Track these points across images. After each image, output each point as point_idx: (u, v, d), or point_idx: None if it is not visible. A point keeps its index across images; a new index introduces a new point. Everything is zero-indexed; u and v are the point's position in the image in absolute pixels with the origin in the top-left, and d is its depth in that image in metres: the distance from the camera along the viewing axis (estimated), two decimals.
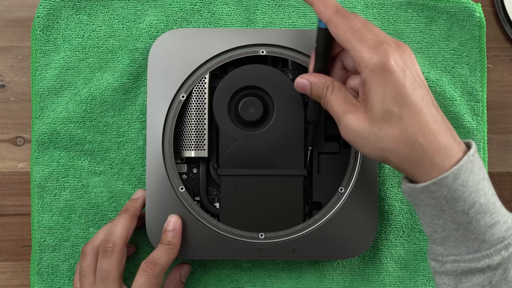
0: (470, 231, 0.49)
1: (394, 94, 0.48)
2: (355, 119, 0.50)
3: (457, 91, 0.65)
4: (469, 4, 0.64)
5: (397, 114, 0.48)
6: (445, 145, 0.48)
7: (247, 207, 0.61)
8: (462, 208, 0.48)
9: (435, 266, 0.52)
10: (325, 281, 0.65)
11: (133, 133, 0.65)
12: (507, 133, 0.68)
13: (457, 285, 0.50)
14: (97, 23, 0.65)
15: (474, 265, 0.49)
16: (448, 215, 0.49)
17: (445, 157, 0.48)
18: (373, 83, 0.48)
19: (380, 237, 0.65)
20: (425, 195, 0.49)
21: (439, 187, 0.48)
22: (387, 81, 0.48)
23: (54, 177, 0.64)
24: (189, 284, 0.65)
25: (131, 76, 0.64)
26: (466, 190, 0.48)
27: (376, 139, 0.49)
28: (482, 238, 0.49)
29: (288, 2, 0.65)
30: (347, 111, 0.51)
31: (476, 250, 0.49)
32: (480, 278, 0.49)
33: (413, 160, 0.48)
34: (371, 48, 0.48)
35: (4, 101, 0.66)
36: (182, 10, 0.65)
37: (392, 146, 0.49)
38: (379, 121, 0.49)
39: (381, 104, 0.48)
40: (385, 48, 0.48)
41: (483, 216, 0.48)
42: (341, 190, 0.61)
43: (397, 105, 0.48)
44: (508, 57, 0.68)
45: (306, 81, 0.54)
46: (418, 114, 0.48)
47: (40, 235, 0.64)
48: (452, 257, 0.50)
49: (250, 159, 0.61)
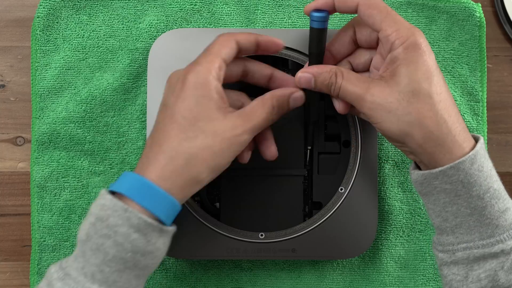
0: (484, 216, 0.50)
1: (425, 71, 0.50)
2: (381, 93, 0.50)
3: (457, 91, 0.65)
4: (469, 4, 0.64)
5: (427, 90, 0.49)
6: (463, 128, 0.50)
7: (247, 207, 0.61)
8: (478, 192, 0.49)
9: (444, 257, 0.52)
10: (325, 281, 0.65)
11: (133, 133, 0.65)
12: (507, 133, 0.68)
13: (468, 273, 0.50)
14: (97, 23, 0.65)
15: (488, 250, 0.50)
16: (463, 200, 0.50)
17: (464, 139, 0.50)
18: (406, 59, 0.50)
19: (380, 237, 0.65)
20: (441, 180, 0.50)
21: (456, 171, 0.49)
22: (420, 58, 0.50)
23: (54, 177, 0.64)
24: (189, 284, 0.65)
25: (131, 76, 0.64)
26: (482, 175, 0.49)
27: (404, 112, 0.49)
28: (496, 223, 0.50)
29: (288, 2, 0.65)
30: (369, 87, 0.51)
31: (489, 236, 0.50)
32: (492, 263, 0.50)
33: (438, 137, 0.49)
34: (407, 29, 0.50)
35: (4, 101, 0.66)
36: (182, 10, 0.65)
37: (419, 120, 0.49)
38: (408, 95, 0.49)
39: (412, 78, 0.49)
40: (419, 31, 0.51)
41: (497, 201, 0.50)
42: (341, 190, 0.61)
43: (427, 81, 0.50)
44: (508, 57, 0.68)
45: (309, 74, 0.54)
46: (444, 94, 0.50)
47: (40, 235, 0.64)
48: (463, 245, 0.51)
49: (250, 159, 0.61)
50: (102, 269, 0.47)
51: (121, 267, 0.47)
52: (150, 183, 0.48)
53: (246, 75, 0.56)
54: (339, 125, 0.62)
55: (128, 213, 0.47)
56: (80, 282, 0.47)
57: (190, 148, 0.49)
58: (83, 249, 0.48)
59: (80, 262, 0.48)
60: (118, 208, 0.47)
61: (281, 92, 0.54)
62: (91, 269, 0.47)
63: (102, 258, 0.47)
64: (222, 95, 0.51)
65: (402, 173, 0.65)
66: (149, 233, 0.47)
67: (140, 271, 0.49)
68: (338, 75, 0.53)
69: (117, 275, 0.47)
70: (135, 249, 0.47)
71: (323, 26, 0.54)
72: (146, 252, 0.48)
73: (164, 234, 0.49)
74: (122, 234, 0.47)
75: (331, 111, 0.62)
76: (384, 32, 0.51)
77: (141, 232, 0.47)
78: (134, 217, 0.47)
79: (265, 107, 0.52)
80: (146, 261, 0.48)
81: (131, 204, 0.48)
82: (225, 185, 0.62)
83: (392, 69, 0.50)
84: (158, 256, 0.49)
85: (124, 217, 0.47)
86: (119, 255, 0.47)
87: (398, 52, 0.50)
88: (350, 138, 0.61)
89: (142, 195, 0.48)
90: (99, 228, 0.47)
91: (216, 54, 0.51)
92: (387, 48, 0.51)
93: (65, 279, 0.47)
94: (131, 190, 0.48)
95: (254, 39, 0.54)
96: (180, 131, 0.49)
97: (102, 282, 0.47)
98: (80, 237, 0.48)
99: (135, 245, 0.47)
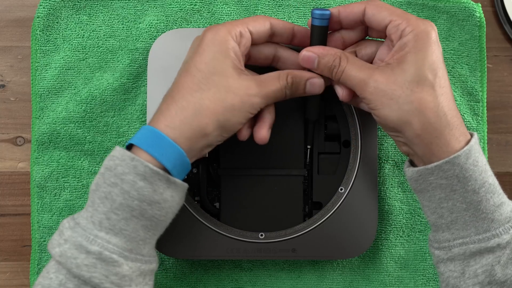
0: (480, 211, 0.50)
1: (431, 61, 0.50)
2: (385, 80, 0.50)
3: (457, 91, 0.65)
4: (469, 4, 0.64)
5: (431, 81, 0.50)
6: (461, 123, 0.51)
7: (247, 207, 0.61)
8: (473, 187, 0.49)
9: (440, 255, 0.52)
10: (325, 281, 0.65)
11: (133, 133, 0.64)
12: (507, 133, 0.68)
13: (464, 269, 0.50)
14: (97, 23, 0.65)
15: (484, 245, 0.50)
16: (459, 195, 0.50)
17: (460, 133, 0.50)
18: (415, 47, 0.50)
19: (380, 237, 0.65)
20: (436, 176, 0.50)
21: (451, 165, 0.49)
22: (428, 48, 0.50)
23: (54, 177, 0.64)
24: (189, 284, 0.65)
25: (131, 76, 0.64)
26: (477, 169, 0.50)
27: (406, 101, 0.50)
28: (492, 218, 0.50)
29: (288, 2, 0.65)
30: (373, 73, 0.51)
31: (485, 230, 0.50)
32: (489, 258, 0.50)
33: (436, 128, 0.50)
34: (417, 19, 0.51)
35: (4, 101, 0.66)
36: (182, 10, 0.65)
37: (420, 110, 0.49)
38: (412, 84, 0.50)
39: (418, 67, 0.50)
40: (430, 22, 0.51)
41: (492, 195, 0.50)
42: (341, 190, 0.61)
43: (432, 73, 0.50)
44: (508, 57, 0.68)
45: (313, 53, 0.54)
46: (446, 87, 0.51)
47: (40, 235, 0.64)
48: (459, 240, 0.51)
49: (250, 159, 0.61)
50: (109, 216, 0.48)
51: (128, 215, 0.48)
52: (157, 131, 0.49)
53: (278, 61, 0.56)
54: (339, 125, 0.62)
55: (135, 161, 0.48)
56: (88, 230, 0.48)
57: (201, 99, 0.49)
58: (92, 199, 0.49)
59: (89, 212, 0.49)
60: (126, 157, 0.48)
61: (300, 73, 0.54)
62: (98, 217, 0.48)
63: (109, 206, 0.48)
64: (239, 57, 0.51)
65: (402, 173, 0.65)
66: (155, 182, 0.48)
67: (147, 222, 0.49)
68: (343, 58, 0.53)
69: (124, 223, 0.48)
70: (142, 197, 0.48)
71: (325, 23, 0.54)
72: (152, 201, 0.48)
73: (172, 186, 0.49)
74: (128, 182, 0.48)
75: (331, 111, 0.62)
76: (394, 23, 0.51)
77: (147, 181, 0.48)
78: (140, 165, 0.48)
79: (281, 80, 0.53)
80: (152, 211, 0.49)
81: (140, 153, 0.49)
82: (225, 185, 0.62)
83: (400, 56, 0.50)
84: (166, 208, 0.50)
85: (131, 165, 0.48)
86: (126, 203, 0.48)
87: (408, 38, 0.50)
88: (350, 138, 0.61)
89: (149, 143, 0.49)
90: (107, 177, 0.49)
91: (243, 22, 0.52)
92: (397, 36, 0.51)
93: (75, 227, 0.49)
94: (141, 139, 0.49)
95: (290, 27, 0.55)
96: (193, 83, 0.50)
97: (109, 229, 0.48)
98: (91, 188, 0.50)
99: (141, 193, 0.48)
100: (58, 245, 0.49)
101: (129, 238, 0.49)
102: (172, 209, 0.51)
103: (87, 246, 0.48)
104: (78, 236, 0.48)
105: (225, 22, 0.52)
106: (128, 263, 0.48)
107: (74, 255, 0.48)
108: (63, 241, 0.49)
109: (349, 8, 0.54)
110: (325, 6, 0.65)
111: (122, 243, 0.48)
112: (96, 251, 0.47)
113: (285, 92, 0.53)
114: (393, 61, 0.51)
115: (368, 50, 0.55)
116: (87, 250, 0.47)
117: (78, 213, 0.50)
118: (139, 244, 0.50)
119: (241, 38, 0.51)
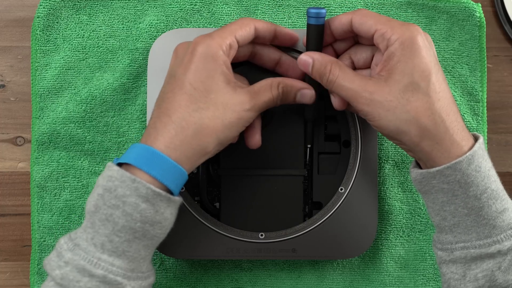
0: (481, 217, 0.50)
1: (422, 68, 0.49)
2: (380, 91, 0.50)
3: (457, 91, 0.65)
4: (469, 4, 0.64)
5: (424, 88, 0.49)
6: (462, 127, 0.50)
7: (247, 207, 0.61)
8: (475, 193, 0.49)
9: (443, 256, 0.52)
10: (325, 281, 0.65)
11: (133, 133, 0.65)
12: (507, 133, 0.68)
13: (465, 272, 0.50)
14: (97, 23, 0.65)
15: (484, 250, 0.50)
16: (460, 200, 0.50)
17: (462, 138, 0.50)
18: (403, 55, 0.50)
19: (380, 237, 0.65)
20: (438, 180, 0.50)
21: (453, 171, 0.49)
22: (416, 55, 0.50)
23: (54, 177, 0.64)
24: (189, 284, 0.65)
25: (131, 76, 0.64)
26: (479, 175, 0.49)
27: (402, 111, 0.49)
28: (493, 224, 0.50)
29: (288, 2, 0.65)
30: (367, 84, 0.51)
31: (486, 236, 0.50)
32: (489, 263, 0.50)
33: (435, 135, 0.49)
34: (402, 25, 0.51)
35: (4, 101, 0.66)
36: (182, 10, 0.65)
37: (417, 118, 0.49)
38: (407, 93, 0.49)
39: (410, 76, 0.49)
40: (415, 27, 0.51)
41: (494, 202, 0.50)
42: (341, 190, 0.61)
43: (425, 80, 0.49)
44: (508, 57, 0.68)
45: (309, 58, 0.54)
46: (442, 92, 0.50)
47: (40, 235, 0.64)
48: (461, 244, 0.51)
49: (250, 159, 0.61)
50: (112, 239, 0.48)
51: (130, 237, 0.48)
52: (159, 153, 0.48)
53: (254, 56, 0.57)
54: (339, 125, 0.62)
55: (136, 183, 0.47)
56: (90, 252, 0.48)
57: (201, 119, 0.49)
58: (92, 220, 0.49)
59: (90, 233, 0.48)
60: (125, 178, 0.48)
61: (291, 83, 0.54)
62: (100, 239, 0.48)
63: (111, 228, 0.48)
64: (230, 69, 0.52)
65: (402, 173, 0.65)
66: (157, 203, 0.48)
67: (149, 241, 0.49)
68: (335, 67, 0.52)
69: (127, 245, 0.48)
70: (144, 219, 0.48)
71: (321, 22, 0.54)
72: (154, 221, 0.48)
73: (172, 204, 0.49)
74: (130, 204, 0.47)
75: (331, 111, 0.62)
76: (380, 31, 0.51)
77: (149, 202, 0.48)
78: (142, 187, 0.47)
79: (272, 90, 0.53)
80: (154, 231, 0.49)
81: (138, 174, 0.48)
82: (225, 185, 0.62)
83: (390, 67, 0.50)
84: (166, 226, 0.50)
85: (132, 187, 0.47)
86: (128, 225, 0.48)
87: (395, 47, 0.50)
88: (350, 138, 0.61)
89: (151, 164, 0.48)
90: (108, 199, 0.48)
91: (230, 32, 0.52)
92: (384, 46, 0.51)
93: (75, 249, 0.48)
94: (140, 159, 0.49)
95: (273, 28, 0.55)
96: (190, 102, 0.49)
97: (112, 252, 0.48)
98: (89, 209, 0.49)
99: (144, 215, 0.48)
100: (58, 267, 0.48)
101: (132, 258, 0.49)
102: (171, 225, 0.51)
103: (91, 269, 0.47)
104: (80, 259, 0.47)
105: (214, 33, 0.52)
106: (131, 282, 0.49)
107: (76, 278, 0.47)
108: (64, 264, 0.48)
109: (337, 20, 0.54)
110: (325, 6, 0.65)
111: (125, 264, 0.48)
112: (101, 274, 0.47)
113: (276, 102, 0.54)
114: (384, 72, 0.51)
115: (363, 54, 0.56)
116: (91, 273, 0.47)
117: (75, 232, 0.50)
118: (140, 263, 0.50)
119: (230, 49, 0.52)
